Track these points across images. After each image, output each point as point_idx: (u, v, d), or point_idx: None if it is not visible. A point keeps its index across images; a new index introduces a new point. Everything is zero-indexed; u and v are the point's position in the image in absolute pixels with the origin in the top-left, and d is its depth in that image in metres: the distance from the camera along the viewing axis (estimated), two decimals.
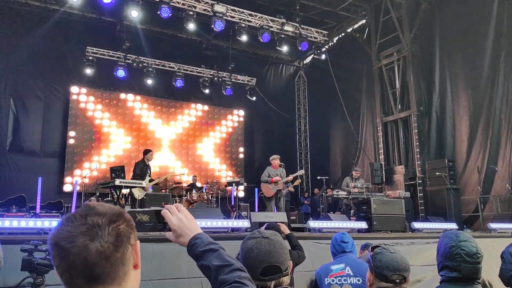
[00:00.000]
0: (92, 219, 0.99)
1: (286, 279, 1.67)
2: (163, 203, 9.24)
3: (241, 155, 16.59)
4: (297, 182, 11.37)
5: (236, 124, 16.73)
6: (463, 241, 2.07)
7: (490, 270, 6.74)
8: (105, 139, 14.06)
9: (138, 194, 8.39)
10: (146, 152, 9.12)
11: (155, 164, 13.88)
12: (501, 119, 10.91)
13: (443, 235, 2.20)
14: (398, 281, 1.93)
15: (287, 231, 4.60)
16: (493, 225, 8.44)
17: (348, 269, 3.35)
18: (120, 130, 14.38)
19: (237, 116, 16.81)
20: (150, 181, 8.84)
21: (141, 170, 8.75)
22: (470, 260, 2.03)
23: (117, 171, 7.83)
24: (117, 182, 7.38)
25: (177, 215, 1.41)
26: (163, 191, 11.55)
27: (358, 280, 3.29)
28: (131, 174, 8.89)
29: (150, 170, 9.01)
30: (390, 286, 1.92)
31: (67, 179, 13.10)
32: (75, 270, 0.95)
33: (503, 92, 10.92)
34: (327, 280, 3.34)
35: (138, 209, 6.52)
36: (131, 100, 14.75)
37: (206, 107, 16.12)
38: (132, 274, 1.04)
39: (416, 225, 7.52)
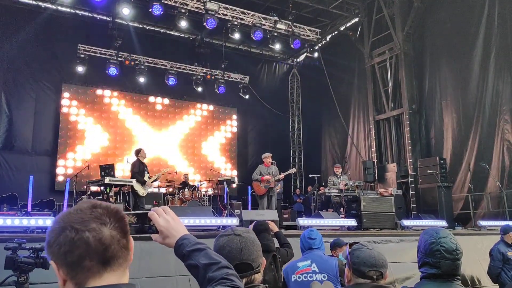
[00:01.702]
0: (99, 210, 1.06)
1: (258, 276, 1.68)
2: (154, 202, 9.24)
3: (234, 153, 16.57)
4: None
5: (229, 122, 16.71)
6: (442, 238, 2.08)
7: (479, 266, 6.80)
8: (95, 137, 13.98)
9: (142, 191, 8.48)
10: (138, 151, 9.10)
11: (149, 163, 13.88)
12: (491, 118, 10.98)
13: (423, 232, 2.21)
14: (375, 277, 1.94)
15: (276, 229, 4.59)
16: (483, 223, 8.52)
17: (314, 266, 3.36)
18: (112, 128, 14.32)
19: (230, 114, 16.78)
20: (149, 178, 8.84)
21: (139, 168, 8.75)
22: (450, 256, 2.04)
23: (106, 169, 7.80)
24: (107, 180, 7.35)
25: (164, 217, 1.43)
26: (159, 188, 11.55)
27: (324, 277, 3.30)
28: (130, 174, 8.89)
29: (147, 168, 9.02)
30: (367, 282, 1.93)
31: (59, 177, 13.03)
32: (89, 252, 0.99)
33: (492, 91, 10.99)
34: (294, 277, 3.36)
35: (125, 212, 6.53)
36: (123, 97, 14.68)
37: (198, 105, 16.08)
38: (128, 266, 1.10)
39: (406, 222, 7.57)
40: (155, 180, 9.25)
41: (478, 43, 11.34)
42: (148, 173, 8.90)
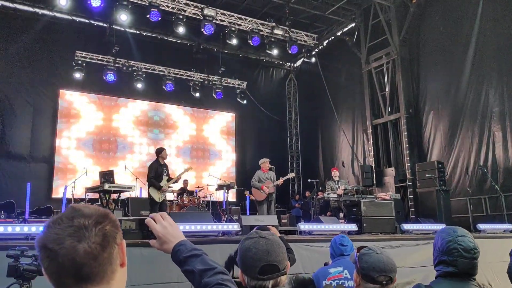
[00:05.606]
0: (79, 221, 1.01)
1: (284, 279, 1.67)
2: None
3: (232, 159, 16.56)
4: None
5: (227, 128, 16.71)
6: (460, 236, 2.07)
7: (479, 271, 6.78)
8: (94, 144, 13.95)
9: (158, 197, 7.83)
10: (160, 151, 8.31)
11: (143, 170, 13.83)
12: (485, 121, 11.04)
13: (440, 230, 2.20)
14: (384, 282, 1.93)
15: (277, 234, 4.58)
16: (482, 226, 8.50)
17: (346, 272, 3.34)
18: (109, 135, 14.28)
19: (228, 119, 16.79)
20: (168, 180, 8.16)
21: (156, 171, 8.02)
22: (467, 255, 2.03)
23: (106, 175, 7.76)
24: (106, 186, 7.31)
25: (162, 223, 1.44)
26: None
27: None
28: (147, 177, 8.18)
29: (167, 170, 8.29)
30: (377, 287, 1.93)
31: (56, 184, 12.96)
32: (64, 271, 0.98)
33: (484, 94, 11.07)
34: (325, 283, 3.34)
35: (124, 217, 6.24)
36: (121, 103, 14.66)
37: (196, 111, 16.08)
38: (119, 272, 1.07)
39: (406, 226, 7.55)
40: (175, 181, 8.45)
41: (471, 47, 11.43)
42: (168, 175, 8.15)
